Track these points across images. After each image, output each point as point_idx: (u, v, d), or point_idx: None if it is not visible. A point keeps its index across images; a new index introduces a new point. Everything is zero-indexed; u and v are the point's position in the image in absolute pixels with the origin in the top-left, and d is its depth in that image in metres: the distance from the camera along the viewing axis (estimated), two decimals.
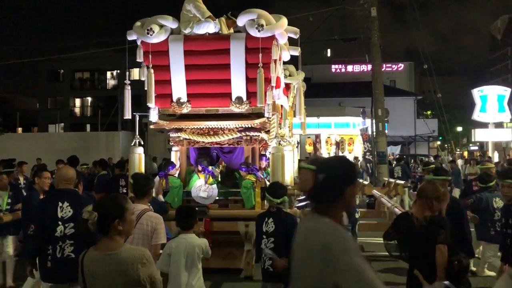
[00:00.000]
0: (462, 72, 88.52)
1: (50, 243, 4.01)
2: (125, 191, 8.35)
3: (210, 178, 7.01)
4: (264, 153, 8.02)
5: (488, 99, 20.78)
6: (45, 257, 4.03)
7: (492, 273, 6.82)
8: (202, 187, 6.94)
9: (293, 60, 8.55)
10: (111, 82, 45.94)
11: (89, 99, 46.56)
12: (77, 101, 46.74)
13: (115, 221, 2.57)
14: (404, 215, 4.00)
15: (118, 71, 43.54)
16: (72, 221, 4.00)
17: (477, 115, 20.97)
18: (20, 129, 37.83)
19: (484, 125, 21.66)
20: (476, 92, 21.16)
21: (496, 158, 19.29)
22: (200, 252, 4.06)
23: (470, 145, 47.62)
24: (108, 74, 45.97)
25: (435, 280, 3.51)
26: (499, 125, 22.63)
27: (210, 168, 7.53)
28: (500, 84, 34.27)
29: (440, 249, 3.54)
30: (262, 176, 7.11)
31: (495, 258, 6.35)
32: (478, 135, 22.55)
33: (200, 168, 7.22)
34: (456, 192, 13.34)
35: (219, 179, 7.78)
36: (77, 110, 46.78)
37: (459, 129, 49.53)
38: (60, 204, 4.05)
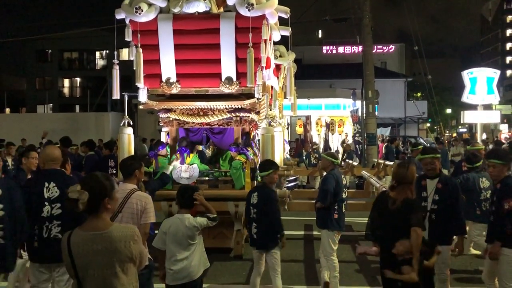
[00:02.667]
0: (452, 54, 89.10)
1: (37, 223, 4.00)
2: (114, 171, 8.34)
3: (187, 158, 6.99)
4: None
5: (477, 81, 20.85)
6: (32, 238, 4.02)
7: (478, 252, 6.95)
8: (183, 167, 6.93)
9: (283, 41, 8.49)
10: (100, 62, 45.40)
11: (78, 79, 46.03)
12: (66, 82, 46.19)
13: (105, 200, 2.57)
14: (382, 194, 4.04)
15: (107, 51, 43.01)
16: (59, 202, 3.99)
17: (466, 97, 21.05)
18: (8, 110, 37.41)
19: (473, 107, 21.80)
20: (466, 74, 21.21)
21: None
22: (195, 231, 4.07)
23: (459, 127, 48.06)
24: (97, 54, 45.39)
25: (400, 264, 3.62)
26: (488, 107, 22.79)
27: (200, 148, 7.52)
28: (491, 66, 34.43)
29: (415, 231, 3.60)
30: (251, 157, 7.12)
31: (480, 237, 6.47)
32: (467, 117, 22.68)
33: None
34: (444, 173, 13.46)
35: (209, 160, 7.79)
36: (65, 90, 46.26)
37: (449, 111, 49.92)
38: (46, 184, 4.03)
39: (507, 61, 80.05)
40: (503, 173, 4.60)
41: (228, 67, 6.77)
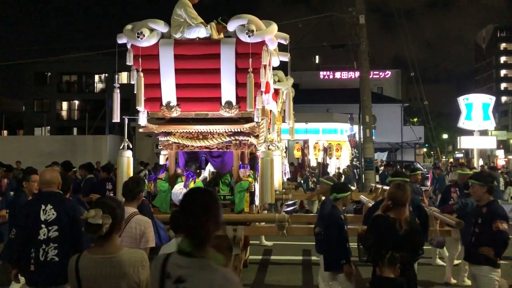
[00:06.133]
0: (448, 80, 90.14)
1: (33, 246, 3.94)
2: (111, 194, 8.30)
3: (192, 183, 6.98)
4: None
5: (473, 107, 21.08)
6: (28, 261, 3.96)
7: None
8: (183, 190, 6.91)
9: (282, 66, 8.59)
10: (98, 86, 45.64)
11: (76, 102, 46.18)
12: (64, 104, 46.32)
13: (121, 223, 2.65)
14: (381, 217, 4.04)
15: (106, 74, 43.33)
16: (56, 224, 3.95)
17: (462, 123, 21.24)
18: (5, 132, 37.41)
19: (469, 132, 21.96)
20: (462, 100, 21.45)
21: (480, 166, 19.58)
22: None
23: (456, 152, 48.22)
24: (96, 77, 45.67)
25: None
26: (484, 132, 22.97)
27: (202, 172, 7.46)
28: (486, 92, 34.77)
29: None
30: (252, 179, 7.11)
31: None
32: (464, 142, 22.83)
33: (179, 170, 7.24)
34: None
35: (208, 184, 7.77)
36: (64, 113, 46.35)
37: (445, 136, 50.16)
38: (43, 206, 3.98)
39: (502, 88, 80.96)
40: (484, 195, 4.74)
41: (228, 92, 6.83)
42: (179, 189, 6.93)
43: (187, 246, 1.95)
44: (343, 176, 17.53)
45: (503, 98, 75.37)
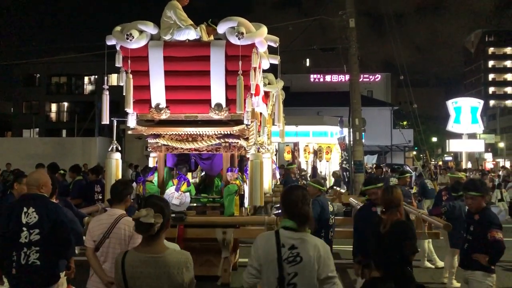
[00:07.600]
0: (437, 83, 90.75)
1: (15, 249, 3.89)
2: (100, 197, 8.25)
3: (185, 185, 6.95)
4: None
5: (462, 110, 21.32)
6: (10, 264, 3.91)
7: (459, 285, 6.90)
8: (175, 194, 6.89)
9: (272, 69, 8.61)
10: (88, 88, 45.35)
11: (66, 104, 45.83)
12: (53, 106, 45.95)
13: (169, 223, 2.65)
14: (378, 220, 4.13)
15: (96, 76, 43.06)
16: (38, 227, 3.89)
17: (451, 126, 21.46)
18: None
19: (458, 135, 22.16)
20: (451, 104, 21.67)
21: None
22: None
23: (445, 155, 48.63)
24: (86, 79, 45.37)
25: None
26: (472, 136, 23.19)
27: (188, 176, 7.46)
28: (474, 96, 35.16)
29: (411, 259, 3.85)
30: (241, 182, 7.11)
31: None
32: (452, 145, 23.08)
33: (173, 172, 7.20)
34: (427, 203, 13.52)
35: (197, 187, 7.75)
36: (53, 115, 45.97)
37: (434, 139, 50.58)
38: (25, 209, 3.92)
39: (490, 92, 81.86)
40: (481, 205, 4.66)
41: (217, 94, 6.83)
42: (170, 193, 6.90)
43: (293, 225, 2.81)
44: (333, 178, 17.58)
45: (491, 102, 76.21)
